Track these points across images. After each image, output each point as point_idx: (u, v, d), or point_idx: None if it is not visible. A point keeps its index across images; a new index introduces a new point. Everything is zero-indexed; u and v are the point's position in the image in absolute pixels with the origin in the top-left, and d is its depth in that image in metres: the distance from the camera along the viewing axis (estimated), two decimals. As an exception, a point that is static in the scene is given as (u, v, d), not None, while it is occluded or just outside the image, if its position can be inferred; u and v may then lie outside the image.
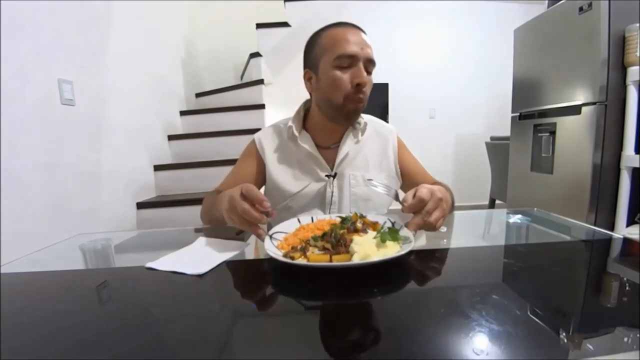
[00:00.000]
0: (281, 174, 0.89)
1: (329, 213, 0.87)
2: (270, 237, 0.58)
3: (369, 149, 0.92)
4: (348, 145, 0.88)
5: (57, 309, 0.45)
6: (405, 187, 0.97)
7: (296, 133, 0.87)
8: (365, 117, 0.92)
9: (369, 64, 0.80)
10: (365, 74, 0.79)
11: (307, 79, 0.86)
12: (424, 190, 0.57)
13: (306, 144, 0.87)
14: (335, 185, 0.88)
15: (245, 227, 0.58)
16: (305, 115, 0.92)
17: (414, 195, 0.57)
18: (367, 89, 0.81)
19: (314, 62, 0.83)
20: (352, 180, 0.88)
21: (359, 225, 0.57)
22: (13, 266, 0.60)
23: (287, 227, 0.64)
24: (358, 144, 0.90)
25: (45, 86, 1.30)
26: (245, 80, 2.98)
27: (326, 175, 0.87)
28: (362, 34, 0.81)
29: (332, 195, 0.87)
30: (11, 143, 1.14)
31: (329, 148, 0.90)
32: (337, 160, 0.88)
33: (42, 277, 0.57)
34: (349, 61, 0.77)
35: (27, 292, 0.52)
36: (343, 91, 0.78)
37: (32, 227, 1.21)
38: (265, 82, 2.68)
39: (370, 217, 0.63)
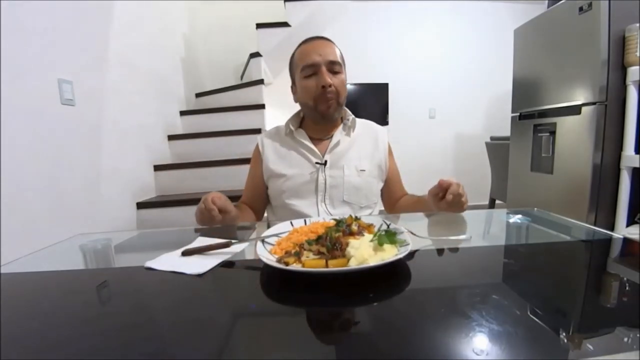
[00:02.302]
0: (278, 163, 0.99)
1: (322, 200, 0.95)
2: (263, 241, 0.58)
3: (361, 143, 1.01)
4: (337, 137, 0.99)
5: (57, 309, 0.45)
6: (383, 188, 1.06)
7: (292, 128, 0.99)
8: (357, 119, 1.03)
9: (332, 65, 0.91)
10: (327, 76, 0.90)
11: (293, 93, 1.01)
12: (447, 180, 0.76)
13: (301, 137, 0.99)
14: (328, 173, 0.96)
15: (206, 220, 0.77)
16: (303, 118, 1.04)
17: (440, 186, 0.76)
18: (337, 87, 0.92)
19: (292, 77, 1.00)
20: (346, 171, 0.96)
21: (354, 227, 0.56)
22: (13, 266, 0.60)
23: (279, 231, 0.63)
24: (350, 138, 1.00)
25: (45, 86, 1.30)
26: (245, 80, 2.99)
27: (317, 163, 0.96)
28: (325, 42, 0.94)
29: (324, 183, 0.95)
30: (11, 143, 1.14)
31: (322, 140, 1.00)
32: (328, 149, 0.98)
33: (42, 277, 0.57)
34: (313, 69, 0.91)
35: (27, 292, 0.52)
36: (312, 95, 0.92)
37: (32, 227, 1.21)
38: (265, 82, 2.68)
39: (365, 219, 0.63)
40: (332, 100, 0.91)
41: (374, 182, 1.00)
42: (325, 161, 0.96)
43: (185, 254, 0.57)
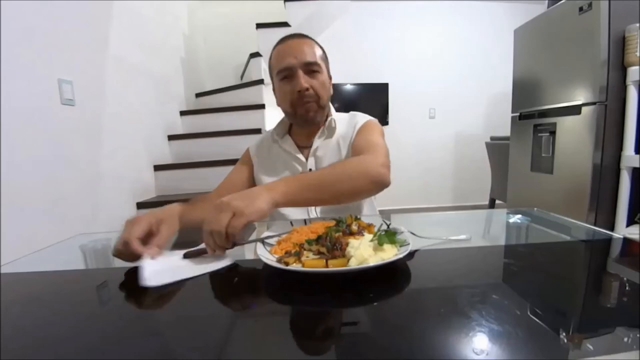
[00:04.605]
0: (267, 172, 0.96)
1: (313, 208, 0.91)
2: (263, 241, 0.58)
3: (340, 137, 0.94)
4: (317, 142, 0.94)
5: (57, 309, 0.45)
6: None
7: (277, 138, 0.97)
8: (337, 114, 0.97)
9: (309, 66, 0.85)
10: (303, 80, 0.84)
11: (275, 95, 0.95)
12: None
13: (287, 146, 0.96)
14: None
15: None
16: (291, 123, 0.99)
17: None
18: (316, 90, 0.86)
19: (271, 80, 0.95)
20: None
21: (354, 227, 0.56)
22: (13, 266, 0.60)
23: (280, 231, 0.63)
24: (332, 139, 0.94)
25: (45, 86, 1.30)
26: (245, 80, 2.98)
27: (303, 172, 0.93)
28: (301, 40, 0.88)
29: None
30: (11, 143, 1.14)
31: (308, 147, 0.96)
32: (310, 157, 0.94)
33: (42, 277, 0.57)
34: (288, 72, 0.85)
35: (27, 292, 0.52)
36: (289, 100, 0.87)
37: (32, 227, 1.21)
38: (265, 82, 2.68)
39: (365, 219, 0.63)
40: (310, 104, 0.86)
41: None
42: (310, 169, 0.93)
43: (186, 256, 0.57)
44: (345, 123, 0.97)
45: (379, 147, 0.82)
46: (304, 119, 0.89)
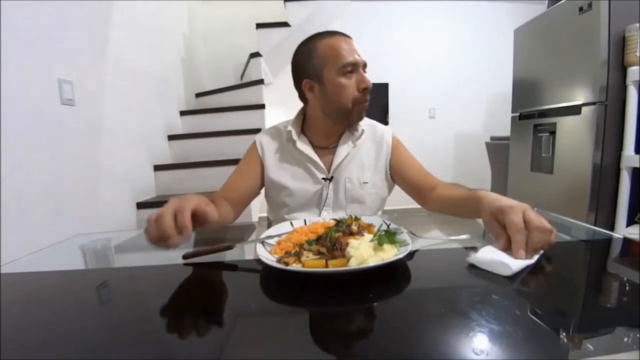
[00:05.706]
0: (279, 173, 0.92)
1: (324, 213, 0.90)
2: (263, 242, 0.58)
3: (364, 151, 0.95)
4: (345, 150, 0.91)
5: (57, 309, 0.45)
6: (402, 183, 0.96)
7: (295, 137, 0.90)
8: (361, 123, 0.95)
9: (365, 67, 0.87)
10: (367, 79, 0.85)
11: (308, 89, 0.88)
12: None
13: (304, 148, 0.91)
14: (331, 188, 0.91)
15: (155, 235, 0.51)
16: (303, 120, 0.95)
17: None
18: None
19: (315, 72, 0.86)
20: (347, 184, 0.91)
21: (354, 228, 0.56)
22: (13, 266, 0.60)
23: (279, 231, 0.63)
24: (354, 147, 0.93)
25: (45, 86, 1.30)
26: (245, 80, 2.98)
27: (323, 178, 0.90)
28: (352, 41, 0.88)
29: (326, 197, 0.90)
30: (11, 143, 1.14)
31: (326, 148, 0.93)
32: (334, 164, 0.91)
33: (42, 277, 0.57)
34: (352, 68, 0.83)
35: (27, 292, 0.52)
36: (351, 96, 0.84)
37: (32, 227, 1.20)
38: (265, 82, 2.68)
39: (365, 219, 0.63)
40: (367, 104, 0.87)
41: (379, 192, 0.95)
42: (332, 177, 0.91)
43: (185, 257, 0.57)
44: (367, 132, 0.95)
45: None
46: (355, 117, 0.88)
